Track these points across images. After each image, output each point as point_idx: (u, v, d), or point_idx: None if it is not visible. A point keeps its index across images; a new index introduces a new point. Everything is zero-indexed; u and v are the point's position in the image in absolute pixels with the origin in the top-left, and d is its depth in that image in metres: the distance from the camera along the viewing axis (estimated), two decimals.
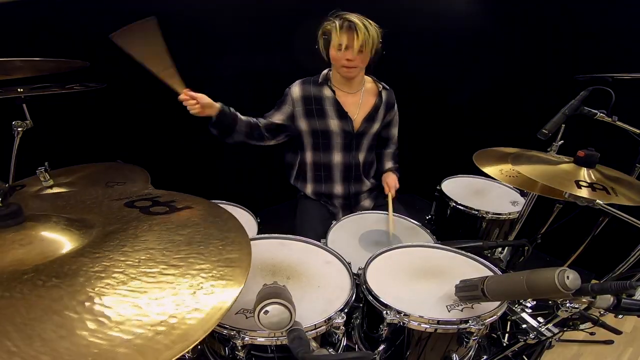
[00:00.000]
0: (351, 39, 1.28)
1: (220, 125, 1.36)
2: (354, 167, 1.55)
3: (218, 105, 1.32)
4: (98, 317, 0.44)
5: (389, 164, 1.67)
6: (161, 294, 0.49)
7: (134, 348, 0.41)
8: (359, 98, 1.50)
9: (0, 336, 0.40)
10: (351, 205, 1.63)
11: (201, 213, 0.71)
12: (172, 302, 0.48)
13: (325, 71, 1.49)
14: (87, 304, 0.45)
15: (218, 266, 0.55)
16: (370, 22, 1.31)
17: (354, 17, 1.28)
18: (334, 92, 1.45)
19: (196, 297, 0.49)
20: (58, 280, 0.48)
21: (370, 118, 1.51)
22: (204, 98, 1.25)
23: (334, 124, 1.46)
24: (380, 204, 1.62)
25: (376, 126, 1.54)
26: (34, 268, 0.50)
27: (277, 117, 1.48)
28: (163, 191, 0.80)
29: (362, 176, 1.61)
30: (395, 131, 1.67)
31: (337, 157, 1.53)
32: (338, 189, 1.58)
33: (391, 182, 1.57)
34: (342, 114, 1.46)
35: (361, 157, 1.57)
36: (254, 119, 1.46)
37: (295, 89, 1.46)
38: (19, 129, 1.22)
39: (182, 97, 1.22)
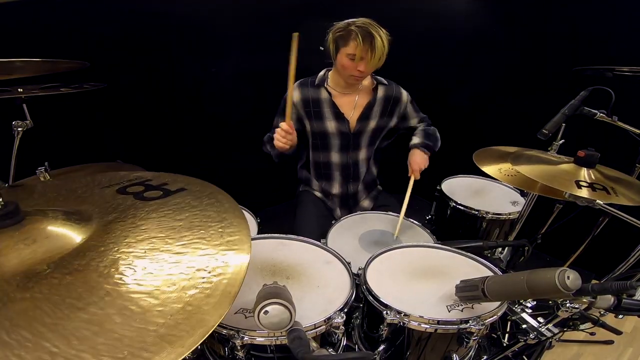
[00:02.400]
0: (367, 52, 1.27)
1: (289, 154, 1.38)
2: (351, 166, 1.56)
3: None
4: (122, 311, 0.45)
5: (414, 140, 1.53)
6: (172, 283, 0.50)
7: (161, 338, 0.42)
8: (355, 98, 1.49)
9: (37, 338, 0.41)
10: (350, 205, 1.63)
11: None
12: (185, 290, 0.49)
13: (322, 72, 1.49)
14: (107, 298, 0.46)
15: (221, 250, 0.56)
16: (384, 31, 1.29)
17: (373, 30, 1.26)
18: (330, 94, 1.45)
19: (205, 283, 0.50)
20: (72, 278, 0.49)
21: (364, 117, 1.49)
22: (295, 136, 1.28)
23: (331, 125, 1.47)
24: (379, 205, 1.62)
25: (372, 123, 1.52)
26: (47, 267, 0.51)
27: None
28: (153, 173, 0.79)
29: (360, 173, 1.60)
30: (414, 121, 1.60)
31: (335, 157, 1.54)
32: (336, 188, 1.59)
33: (415, 160, 1.43)
34: (339, 116, 1.46)
35: (361, 154, 1.56)
36: None
37: (295, 93, 1.44)
38: (19, 129, 1.22)
39: (285, 126, 1.23)
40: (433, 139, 1.56)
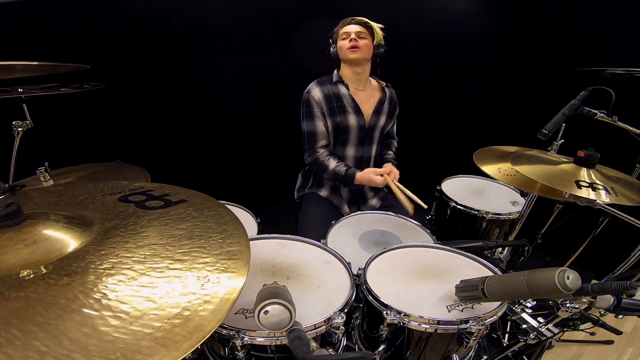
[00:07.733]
0: (353, 25, 1.43)
1: None
2: (364, 160, 1.59)
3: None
4: (117, 314, 0.45)
5: (388, 154, 1.70)
6: (171, 288, 0.50)
7: (156, 341, 0.42)
8: (370, 94, 1.56)
9: (27, 337, 0.41)
10: (358, 202, 1.64)
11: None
12: (183, 296, 0.49)
13: (335, 72, 1.54)
14: (104, 301, 0.46)
15: (221, 259, 0.57)
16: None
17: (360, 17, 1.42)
18: (348, 88, 1.51)
19: (205, 290, 0.51)
20: (69, 279, 0.49)
21: (377, 112, 1.56)
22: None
23: (352, 119, 1.52)
24: (388, 205, 1.62)
25: (382, 119, 1.59)
26: (44, 267, 0.51)
27: (321, 126, 1.50)
28: (155, 184, 0.80)
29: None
30: (394, 128, 1.72)
31: (350, 151, 1.57)
32: None
33: (388, 168, 1.54)
34: (357, 110, 1.52)
35: (373, 150, 1.61)
36: (331, 158, 1.52)
37: (316, 92, 1.49)
38: (19, 129, 1.22)
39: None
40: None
